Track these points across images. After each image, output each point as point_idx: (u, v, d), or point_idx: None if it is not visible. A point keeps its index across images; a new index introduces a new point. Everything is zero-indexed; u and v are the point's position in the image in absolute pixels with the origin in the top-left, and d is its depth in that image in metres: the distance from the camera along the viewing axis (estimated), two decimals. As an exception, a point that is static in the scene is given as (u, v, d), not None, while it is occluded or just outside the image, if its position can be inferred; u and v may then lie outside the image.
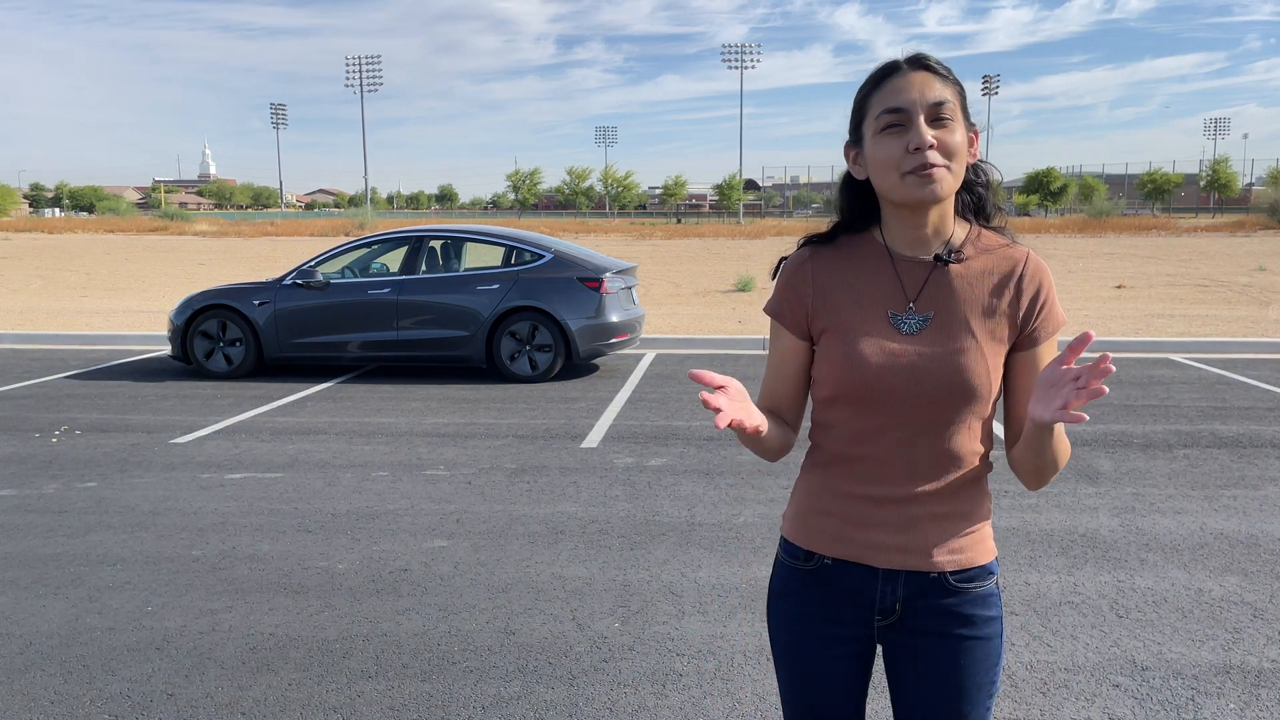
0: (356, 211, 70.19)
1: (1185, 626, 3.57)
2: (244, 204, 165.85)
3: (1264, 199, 50.15)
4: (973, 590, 1.51)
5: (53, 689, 3.13)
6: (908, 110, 1.40)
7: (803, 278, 1.54)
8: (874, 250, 1.52)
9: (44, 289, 18.23)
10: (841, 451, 1.52)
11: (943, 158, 1.40)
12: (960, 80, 1.47)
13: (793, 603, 1.59)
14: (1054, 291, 1.50)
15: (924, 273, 1.49)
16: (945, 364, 1.44)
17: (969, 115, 1.47)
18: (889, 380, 1.45)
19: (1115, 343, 10.85)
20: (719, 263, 25.19)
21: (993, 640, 1.53)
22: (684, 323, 13.03)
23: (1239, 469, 5.73)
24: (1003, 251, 1.50)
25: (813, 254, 1.55)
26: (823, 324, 1.52)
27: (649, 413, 7.45)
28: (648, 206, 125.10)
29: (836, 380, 1.48)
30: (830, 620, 1.56)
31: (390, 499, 5.21)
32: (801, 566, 1.58)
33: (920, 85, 1.41)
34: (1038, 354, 1.49)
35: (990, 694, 1.54)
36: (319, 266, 9.30)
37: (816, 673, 1.58)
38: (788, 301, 1.55)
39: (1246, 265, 22.44)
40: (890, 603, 1.52)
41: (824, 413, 1.54)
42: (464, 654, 3.38)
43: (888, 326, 1.47)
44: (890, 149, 1.41)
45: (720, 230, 47.90)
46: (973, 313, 1.47)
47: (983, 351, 1.45)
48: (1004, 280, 1.48)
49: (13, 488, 5.45)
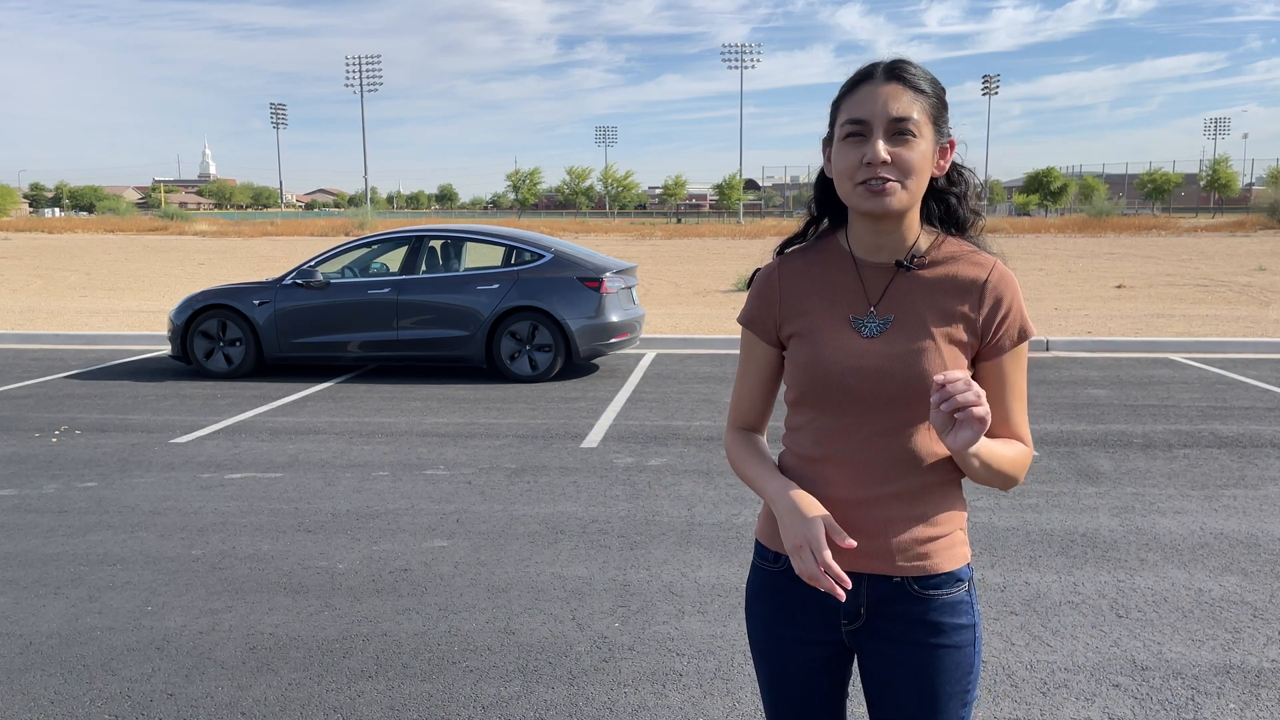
0: (356, 211, 70.14)
1: (1185, 626, 3.57)
2: (244, 204, 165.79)
3: (1264, 199, 50.16)
4: (940, 597, 1.51)
5: (53, 689, 3.13)
6: (868, 122, 1.41)
7: (770, 287, 1.58)
8: (839, 255, 1.55)
9: (44, 289, 18.23)
10: (807, 453, 1.54)
11: (896, 173, 1.41)
12: (941, 90, 1.48)
13: (765, 604, 1.61)
14: (1020, 301, 1.50)
15: (886, 277, 1.51)
16: (904, 365, 1.46)
17: (944, 127, 1.48)
18: (850, 381, 1.47)
19: (1115, 342, 10.86)
20: (719, 262, 25.20)
21: (964, 649, 1.51)
22: (684, 323, 13.03)
23: (1239, 469, 5.73)
24: (968, 259, 1.51)
25: (780, 264, 1.60)
26: (790, 329, 1.55)
27: (649, 413, 7.45)
28: (648, 206, 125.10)
29: (801, 381, 1.52)
30: (798, 623, 1.57)
31: (390, 499, 5.21)
32: (771, 568, 1.60)
33: (886, 98, 1.41)
34: (1002, 364, 1.50)
35: (964, 703, 1.53)
36: (319, 266, 9.30)
37: (790, 674, 1.60)
38: (758, 311, 1.59)
39: (1246, 265, 22.45)
40: (854, 607, 1.53)
41: (792, 415, 1.58)
42: (464, 654, 3.38)
43: (849, 329, 1.50)
44: (848, 158, 1.43)
45: (720, 230, 47.92)
46: (932, 317, 1.48)
47: (941, 354, 1.46)
48: (966, 287, 1.49)
49: (13, 488, 5.45)
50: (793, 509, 1.44)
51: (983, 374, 1.52)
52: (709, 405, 7.72)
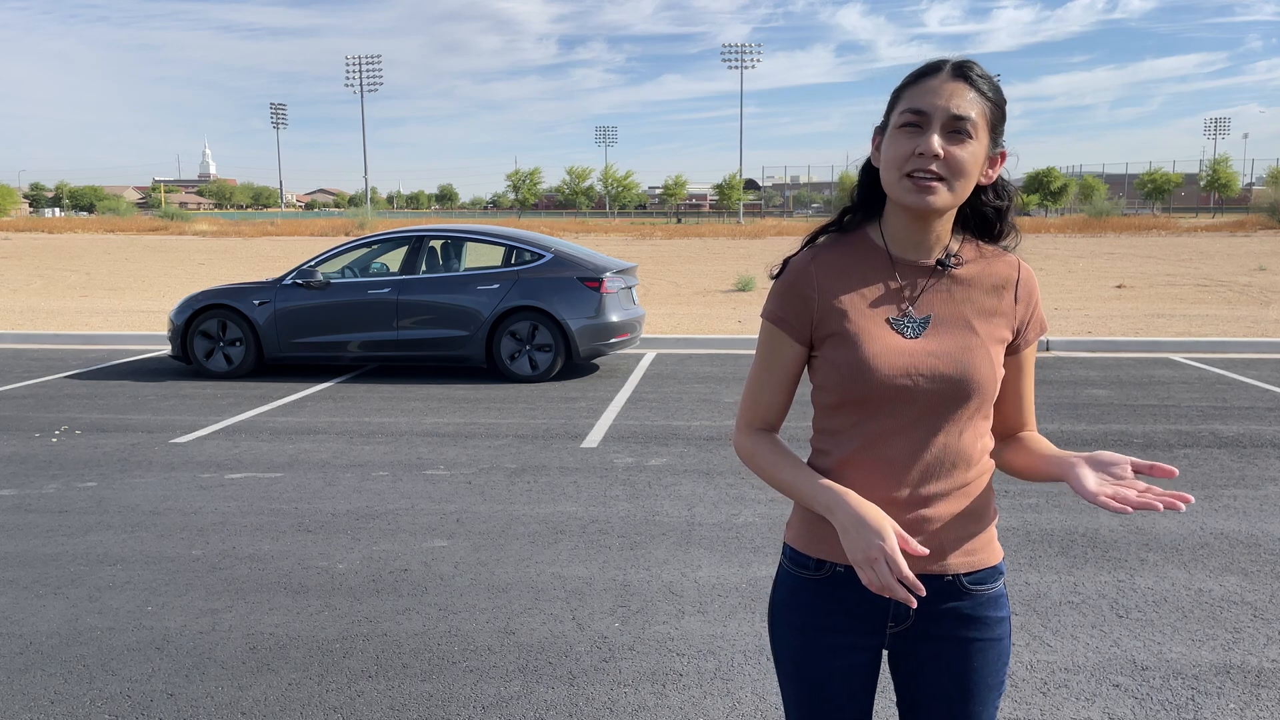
0: (356, 211, 70.19)
1: (1185, 626, 3.57)
2: (244, 204, 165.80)
3: (1264, 199, 50.15)
4: (984, 592, 1.53)
5: (53, 689, 3.13)
6: (927, 114, 1.40)
7: (807, 282, 1.51)
8: (873, 251, 1.53)
9: (44, 289, 18.23)
10: (850, 456, 1.50)
11: (946, 170, 1.40)
12: (1003, 100, 1.46)
13: (802, 613, 1.56)
14: (1039, 297, 1.56)
15: (923, 277, 1.50)
16: (951, 363, 1.45)
17: (999, 137, 1.47)
18: (900, 383, 1.45)
19: (1115, 342, 10.86)
20: (719, 262, 25.19)
21: (1003, 640, 1.54)
22: (684, 323, 13.03)
23: (1239, 469, 5.73)
24: (997, 257, 1.54)
25: (814, 257, 1.53)
26: (828, 329, 1.50)
27: (649, 413, 7.44)
28: (648, 206, 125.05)
29: (845, 385, 1.47)
30: (842, 629, 1.54)
31: (390, 499, 5.21)
32: (811, 575, 1.55)
33: (949, 94, 1.40)
34: (1021, 359, 1.56)
35: (999, 693, 1.55)
36: (319, 266, 9.30)
37: (826, 681, 1.55)
38: (790, 308, 1.52)
39: (1246, 265, 22.44)
40: (904, 608, 1.51)
41: (830, 419, 1.53)
42: (464, 654, 3.38)
43: (890, 330, 1.48)
44: (901, 147, 1.42)
45: (720, 230, 47.90)
46: (974, 315, 1.49)
47: (986, 349, 1.47)
48: (1002, 285, 1.52)
49: (13, 488, 5.45)
50: (858, 520, 1.39)
51: (1008, 367, 1.55)
52: (709, 405, 7.72)
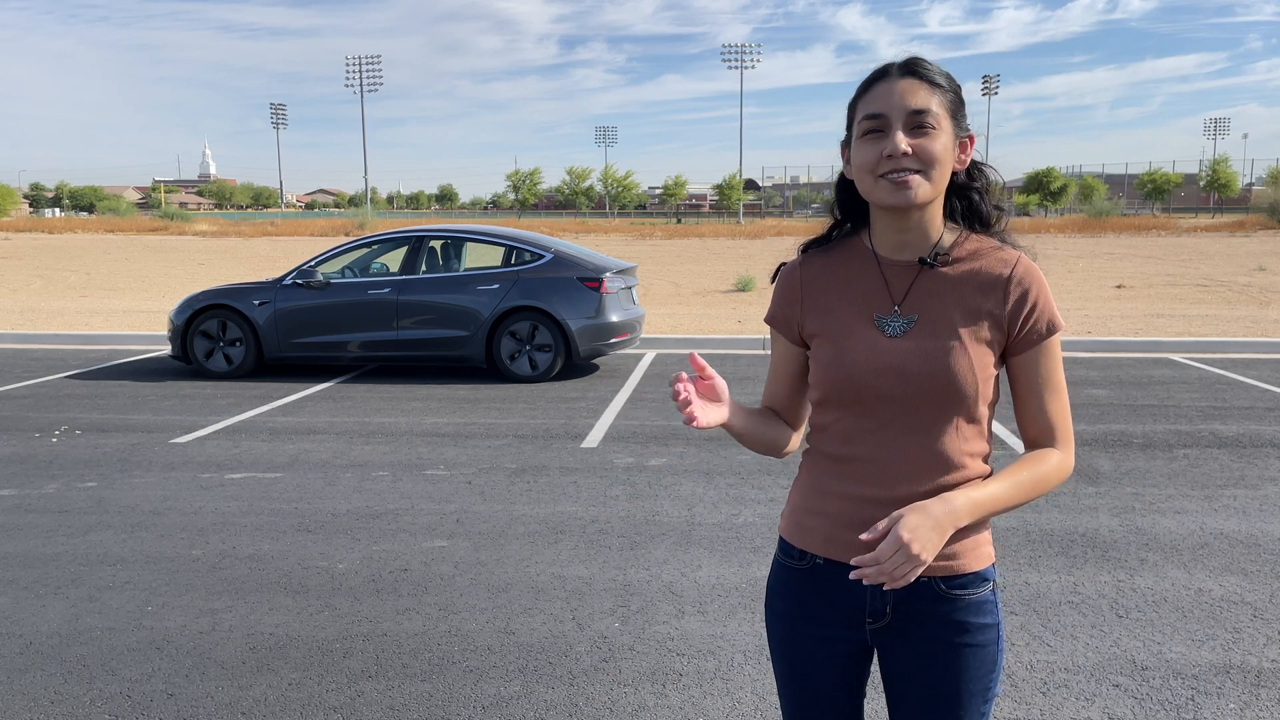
0: (356, 211, 70.17)
1: (1185, 626, 3.57)
2: (244, 204, 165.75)
3: (1264, 199, 50.12)
4: (965, 597, 1.50)
5: (53, 689, 3.13)
6: (886, 116, 1.42)
7: (792, 286, 1.59)
8: (861, 254, 1.55)
9: (44, 289, 18.23)
10: (833, 452, 1.54)
11: (918, 164, 1.41)
12: (957, 86, 1.48)
13: (787, 601, 1.60)
14: (1047, 294, 1.49)
15: (909, 276, 1.51)
16: (929, 364, 1.45)
17: (962, 122, 1.48)
18: (875, 381, 1.47)
19: (1115, 342, 10.86)
20: (719, 263, 25.19)
21: (987, 648, 1.52)
22: (684, 323, 13.03)
23: (1239, 469, 5.73)
24: (992, 255, 1.51)
25: (803, 262, 1.61)
26: (812, 329, 1.56)
27: (649, 413, 7.44)
28: (648, 206, 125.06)
29: (826, 382, 1.52)
30: (822, 620, 1.57)
31: (390, 499, 5.21)
32: (795, 565, 1.59)
33: (903, 92, 1.42)
34: (1031, 359, 1.49)
35: (986, 699, 1.53)
36: (319, 266, 9.31)
37: (810, 671, 1.59)
38: (780, 309, 1.61)
39: (1246, 265, 22.44)
40: (880, 606, 1.52)
41: (818, 414, 1.57)
42: (464, 654, 3.38)
43: (873, 329, 1.49)
44: (868, 153, 1.44)
45: (720, 230, 47.89)
46: (958, 314, 1.48)
47: (967, 352, 1.46)
48: (990, 283, 1.48)
49: (13, 488, 5.45)
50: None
51: (1014, 369, 1.51)
52: (709, 405, 7.70)
